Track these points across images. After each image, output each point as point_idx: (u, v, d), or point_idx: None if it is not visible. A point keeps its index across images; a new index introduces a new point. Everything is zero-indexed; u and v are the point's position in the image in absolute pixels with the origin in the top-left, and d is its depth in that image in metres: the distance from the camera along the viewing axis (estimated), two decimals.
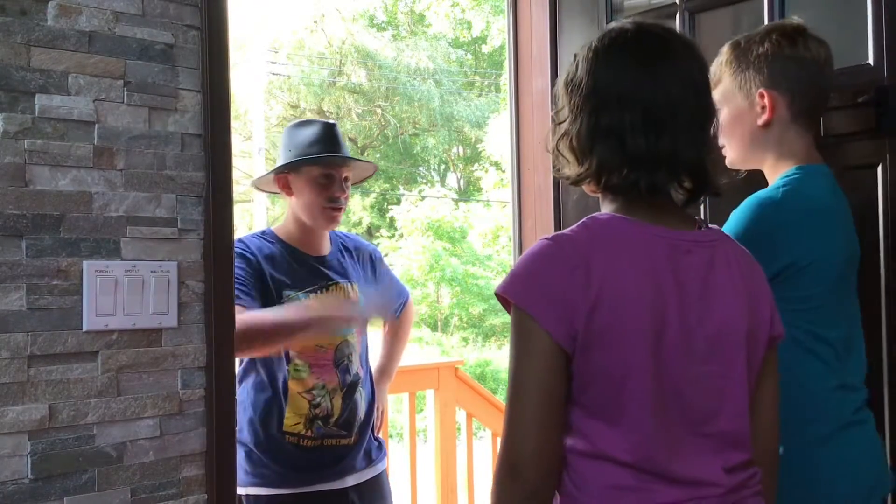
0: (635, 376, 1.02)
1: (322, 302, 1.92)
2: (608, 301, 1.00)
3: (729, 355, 1.07)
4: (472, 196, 17.19)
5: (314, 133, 2.05)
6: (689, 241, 1.08)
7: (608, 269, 1.01)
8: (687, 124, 1.06)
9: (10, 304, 1.45)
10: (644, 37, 1.09)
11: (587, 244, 1.04)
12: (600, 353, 1.01)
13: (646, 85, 1.05)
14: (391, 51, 17.03)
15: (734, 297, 1.08)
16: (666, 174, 1.07)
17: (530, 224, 2.34)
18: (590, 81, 1.08)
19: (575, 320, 1.00)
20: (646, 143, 1.05)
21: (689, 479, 1.04)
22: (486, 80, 17.99)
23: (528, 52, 2.34)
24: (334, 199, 2.02)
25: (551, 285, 1.02)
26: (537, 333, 1.01)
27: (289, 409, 1.94)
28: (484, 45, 17.90)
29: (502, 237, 14.45)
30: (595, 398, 1.04)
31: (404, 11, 18.70)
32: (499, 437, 3.50)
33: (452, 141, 17.75)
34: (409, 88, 16.81)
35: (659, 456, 1.02)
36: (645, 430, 1.02)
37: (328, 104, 17.06)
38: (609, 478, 1.03)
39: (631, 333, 1.01)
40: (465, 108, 17.13)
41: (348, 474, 2.01)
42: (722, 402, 1.07)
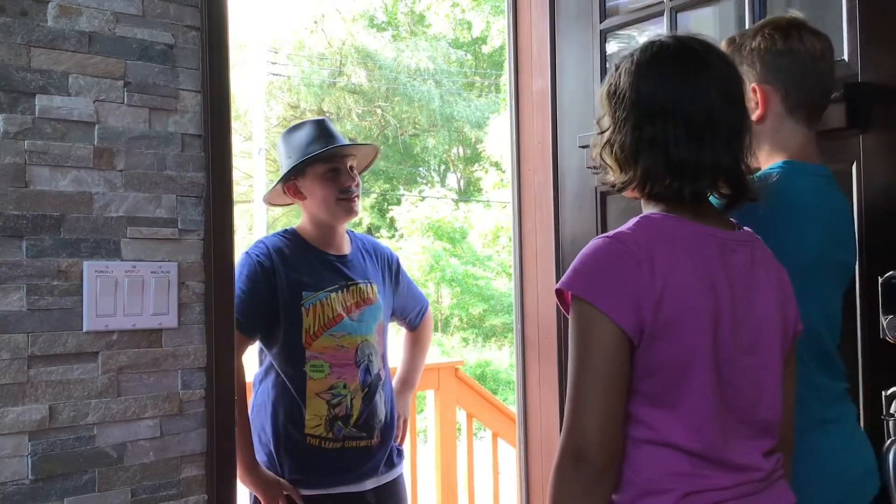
0: (697, 366, 1.07)
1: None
2: (672, 294, 1.06)
3: (767, 348, 1.15)
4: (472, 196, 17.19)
5: (308, 133, 2.05)
6: (734, 241, 1.16)
7: (670, 264, 1.07)
8: (726, 135, 1.12)
9: (10, 304, 1.45)
10: (684, 51, 1.15)
11: (649, 240, 1.09)
12: (665, 343, 1.06)
13: (686, 98, 1.11)
14: (391, 51, 17.03)
15: (770, 294, 1.16)
16: (708, 183, 1.13)
17: (530, 224, 2.34)
18: (633, 94, 1.14)
19: (643, 312, 1.05)
20: (689, 153, 1.11)
21: (738, 465, 1.10)
22: (486, 80, 18.00)
23: (528, 53, 2.34)
24: (346, 190, 2.02)
25: (618, 279, 1.07)
26: (605, 325, 1.06)
27: (308, 410, 1.93)
28: (484, 45, 17.90)
29: (502, 237, 14.43)
30: (656, 387, 1.08)
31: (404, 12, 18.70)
32: (499, 437, 3.51)
33: (452, 141, 17.75)
34: (409, 89, 16.81)
35: (716, 442, 1.08)
36: (705, 416, 1.07)
37: (328, 105, 17.06)
38: (665, 464, 1.08)
39: (693, 325, 1.07)
40: (465, 108, 17.13)
41: (368, 478, 2.00)
42: (762, 392, 1.14)
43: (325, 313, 1.97)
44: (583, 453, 1.06)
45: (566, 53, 2.21)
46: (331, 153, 2.01)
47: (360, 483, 1.99)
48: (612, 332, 1.06)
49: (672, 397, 1.08)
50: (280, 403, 1.96)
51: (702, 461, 1.08)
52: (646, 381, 1.09)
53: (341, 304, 2.00)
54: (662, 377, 1.08)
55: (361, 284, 2.07)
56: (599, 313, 1.06)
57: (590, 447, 1.06)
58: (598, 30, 2.11)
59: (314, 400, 1.94)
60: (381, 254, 2.25)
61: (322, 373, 1.96)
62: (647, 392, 1.09)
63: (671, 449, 1.08)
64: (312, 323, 1.96)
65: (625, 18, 2.12)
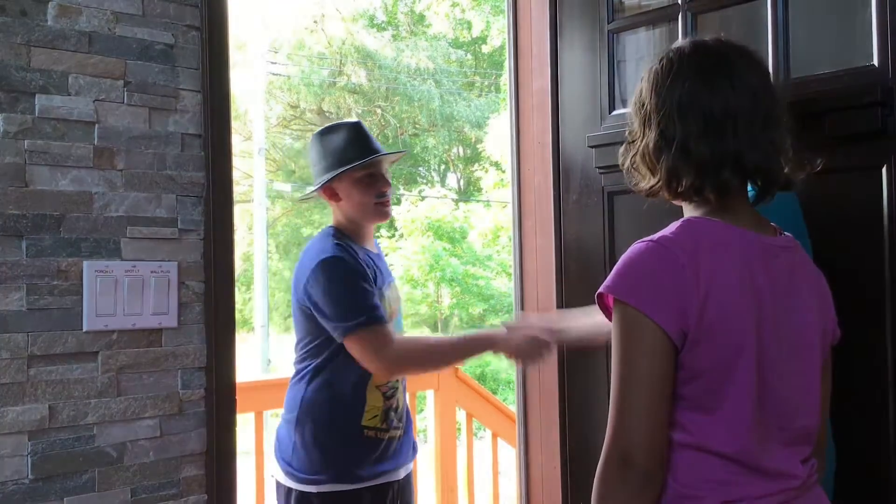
0: (740, 370, 1.07)
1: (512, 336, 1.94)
2: (715, 298, 1.06)
3: (808, 354, 1.15)
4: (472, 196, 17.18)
5: (344, 137, 2.06)
6: (776, 247, 1.15)
7: (713, 268, 1.07)
8: (747, 127, 1.12)
9: (10, 304, 1.45)
10: (700, 51, 1.17)
11: (693, 244, 1.09)
12: (708, 347, 1.06)
13: (703, 96, 1.12)
14: (391, 51, 17.01)
15: (811, 301, 1.17)
16: (730, 174, 1.12)
17: (530, 224, 2.34)
18: (653, 99, 1.16)
19: (687, 316, 1.05)
20: (708, 148, 1.11)
21: (775, 472, 1.09)
22: (486, 80, 17.98)
23: (528, 52, 2.33)
24: (382, 195, 2.05)
25: (662, 283, 1.07)
26: (650, 329, 1.06)
27: (368, 402, 1.97)
28: (484, 45, 17.87)
29: (502, 237, 14.42)
30: (697, 391, 1.08)
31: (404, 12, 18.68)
32: (498, 437, 3.51)
33: (452, 141, 17.73)
34: (409, 88, 16.80)
35: (754, 448, 1.08)
36: (745, 422, 1.07)
37: (328, 104, 17.04)
38: (702, 470, 1.08)
39: (737, 329, 1.07)
40: (465, 108, 17.11)
41: (402, 466, 2.06)
42: (802, 398, 1.14)
43: (387, 311, 2.01)
44: (629, 458, 1.06)
45: (569, 53, 2.20)
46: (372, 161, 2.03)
47: (397, 472, 2.04)
48: (657, 335, 1.06)
49: (713, 402, 1.08)
50: (340, 398, 1.98)
51: (738, 467, 1.07)
52: (688, 385, 1.08)
53: (393, 301, 2.06)
54: (705, 381, 1.08)
55: (393, 282, 2.13)
56: (644, 317, 1.06)
57: (636, 451, 1.05)
58: (605, 30, 2.11)
59: (374, 392, 1.98)
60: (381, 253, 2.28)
61: None
62: (689, 396, 1.09)
63: (708, 454, 1.08)
64: None
65: (635, 19, 2.12)
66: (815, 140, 1.65)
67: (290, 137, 18.35)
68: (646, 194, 1.21)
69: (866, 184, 1.59)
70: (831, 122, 1.63)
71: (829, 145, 1.65)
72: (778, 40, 1.73)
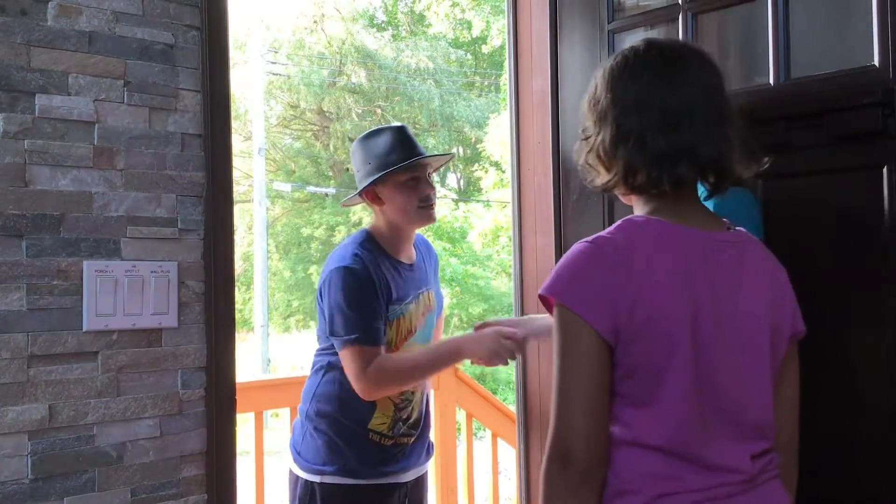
0: (673, 367, 1.08)
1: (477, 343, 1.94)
2: (648, 297, 1.08)
3: (756, 349, 1.15)
4: (472, 196, 17.17)
5: (389, 140, 2.06)
6: (721, 242, 1.16)
7: (646, 267, 1.09)
8: (702, 122, 1.14)
9: (10, 304, 1.45)
10: (654, 50, 1.19)
11: (626, 244, 1.11)
12: (641, 345, 1.08)
13: (660, 91, 1.14)
14: (391, 51, 17.01)
15: (760, 294, 1.16)
16: (687, 168, 1.13)
17: (530, 224, 2.34)
18: (608, 95, 1.18)
19: (618, 315, 1.07)
20: (665, 140, 1.13)
21: (718, 465, 1.10)
22: (486, 80, 17.98)
23: (528, 52, 2.33)
24: (426, 198, 2.04)
25: (594, 284, 1.09)
26: (583, 329, 1.08)
27: (378, 410, 1.98)
28: (484, 45, 17.88)
29: (502, 237, 14.41)
30: (634, 388, 1.10)
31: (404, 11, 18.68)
32: (498, 437, 3.51)
33: (452, 141, 17.73)
34: (409, 88, 16.80)
35: (692, 442, 1.09)
36: (681, 417, 1.09)
37: (328, 104, 17.04)
38: (643, 465, 1.09)
39: (669, 327, 1.08)
40: (465, 108, 17.11)
41: (410, 469, 2.08)
42: (751, 393, 1.14)
43: (405, 326, 2.02)
44: (569, 455, 1.08)
45: (569, 53, 2.20)
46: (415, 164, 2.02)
47: (405, 474, 2.06)
48: (590, 335, 1.08)
49: (650, 398, 1.09)
50: (348, 399, 1.98)
51: (676, 460, 1.09)
52: (625, 383, 1.10)
53: (415, 315, 2.05)
54: (640, 378, 1.10)
55: (425, 292, 2.12)
56: (578, 317, 1.08)
57: (575, 449, 1.08)
58: (605, 30, 2.11)
59: (385, 402, 1.99)
60: (432, 254, 2.28)
61: None
62: (627, 393, 1.11)
63: (646, 449, 1.09)
64: (394, 336, 1.99)
65: (636, 19, 2.11)
66: (814, 140, 1.66)
67: (290, 137, 18.34)
68: (601, 190, 1.22)
69: (867, 184, 1.59)
70: (832, 122, 1.63)
71: (829, 145, 1.65)
72: (778, 40, 1.73)
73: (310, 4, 16.85)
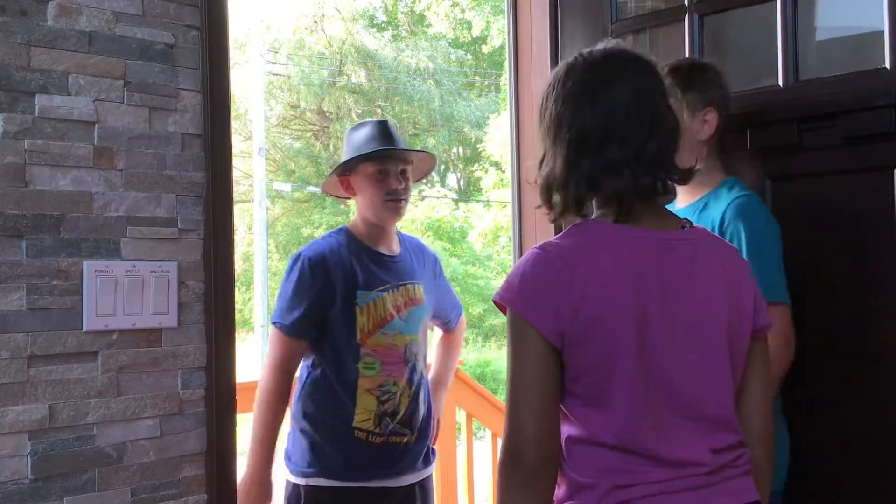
0: (620, 366, 1.11)
1: None
2: (592, 299, 1.10)
3: (712, 345, 1.16)
4: (472, 196, 17.18)
5: (367, 132, 2.09)
6: (673, 240, 1.18)
7: (591, 270, 1.12)
8: (644, 128, 1.16)
9: (10, 304, 1.45)
10: (594, 59, 1.21)
11: (571, 248, 1.14)
12: (587, 346, 1.11)
13: (600, 100, 1.16)
14: (391, 51, 17.02)
15: (715, 290, 1.17)
16: (627, 179, 1.15)
17: (530, 224, 2.34)
18: (552, 109, 1.21)
19: (562, 319, 1.10)
20: (609, 153, 1.15)
21: (673, 460, 1.12)
22: (486, 80, 17.98)
23: (528, 52, 2.33)
24: (392, 192, 2.04)
25: (539, 288, 1.12)
26: (529, 332, 1.12)
27: (358, 405, 1.97)
28: (484, 45, 17.88)
29: (502, 237, 14.43)
30: (586, 388, 1.13)
31: (404, 11, 18.69)
32: (499, 437, 3.51)
33: (452, 141, 17.74)
34: (409, 88, 16.81)
35: (644, 438, 1.11)
36: (630, 414, 1.11)
37: (328, 104, 17.05)
38: (600, 461, 1.13)
39: (615, 327, 1.11)
40: (465, 108, 17.12)
41: (406, 473, 2.05)
42: (708, 389, 1.16)
43: (378, 312, 2.01)
44: (519, 455, 1.11)
45: (570, 53, 2.20)
46: (381, 154, 2.03)
47: (398, 478, 2.03)
48: (537, 339, 1.11)
49: (600, 397, 1.13)
50: (327, 397, 1.99)
51: (630, 456, 1.12)
52: (576, 383, 1.14)
53: (392, 303, 2.04)
54: (589, 379, 1.13)
55: (409, 285, 2.11)
56: (526, 322, 1.12)
57: (525, 449, 1.11)
58: (609, 30, 2.10)
59: (365, 396, 1.98)
60: (427, 255, 2.28)
61: (374, 370, 1.99)
62: (579, 393, 1.14)
63: (601, 447, 1.13)
64: (366, 322, 1.99)
65: (641, 20, 2.11)
66: (827, 141, 1.66)
67: (290, 137, 18.35)
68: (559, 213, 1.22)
69: (878, 185, 1.59)
70: (844, 123, 1.64)
71: (841, 146, 1.66)
72: (787, 42, 1.73)
73: (310, 4, 16.85)
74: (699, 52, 1.89)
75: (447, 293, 2.36)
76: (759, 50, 1.65)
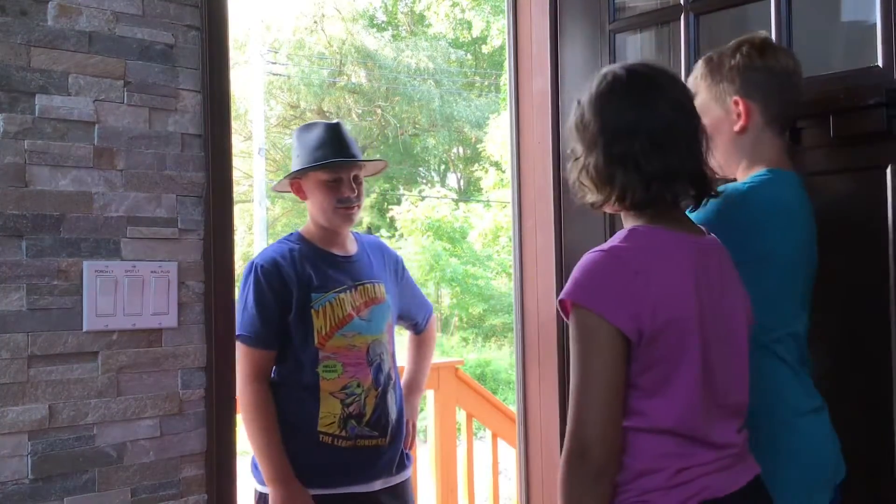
0: (687, 360, 1.21)
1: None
2: (667, 300, 1.20)
3: (738, 338, 1.30)
4: (472, 196, 17.18)
5: (318, 136, 2.05)
6: (707, 248, 1.30)
7: (661, 272, 1.21)
8: (685, 141, 1.27)
9: (10, 304, 1.45)
10: (634, 76, 1.30)
11: (640, 252, 1.23)
12: (662, 341, 1.19)
13: (645, 115, 1.26)
14: (391, 51, 17.02)
15: (737, 291, 1.32)
16: (680, 185, 1.27)
17: (530, 224, 2.34)
18: (598, 121, 1.29)
19: (641, 317, 1.18)
20: (658, 162, 1.25)
21: (718, 443, 1.24)
22: (486, 80, 17.98)
23: (528, 53, 2.33)
24: (345, 200, 2.02)
25: (616, 288, 1.19)
26: (606, 330, 1.18)
27: (322, 409, 1.94)
28: (484, 45, 17.88)
29: (502, 237, 14.41)
30: (651, 380, 1.21)
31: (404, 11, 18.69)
32: (499, 437, 3.51)
33: (452, 141, 17.73)
34: (409, 88, 16.80)
35: (699, 424, 1.22)
36: (693, 403, 1.21)
37: (328, 104, 17.04)
38: (660, 446, 1.21)
39: (686, 325, 1.21)
40: (465, 108, 17.11)
41: (377, 478, 2.00)
42: (735, 378, 1.29)
43: (336, 314, 1.99)
44: (586, 450, 1.17)
45: (570, 53, 2.20)
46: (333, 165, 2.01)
47: (370, 483, 1.99)
48: (611, 335, 1.18)
49: (665, 388, 1.21)
50: (290, 402, 1.97)
51: (688, 442, 1.21)
52: (643, 376, 1.21)
53: (350, 303, 2.01)
54: (657, 371, 1.21)
55: (369, 284, 2.08)
56: (600, 319, 1.18)
57: (592, 444, 1.16)
58: (607, 30, 2.11)
59: (328, 399, 1.95)
60: (387, 254, 2.26)
61: (335, 373, 1.97)
62: (644, 385, 1.21)
63: (663, 434, 1.21)
64: (324, 324, 1.97)
65: (638, 19, 2.11)
66: (819, 140, 1.66)
67: (290, 137, 18.36)
68: (594, 207, 1.34)
69: (871, 184, 1.59)
70: (836, 122, 1.64)
71: (834, 146, 1.65)
72: (781, 41, 1.73)
73: (310, 4, 16.85)
74: (695, 51, 1.89)
75: (413, 294, 2.32)
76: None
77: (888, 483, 1.58)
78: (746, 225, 1.43)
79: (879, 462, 1.58)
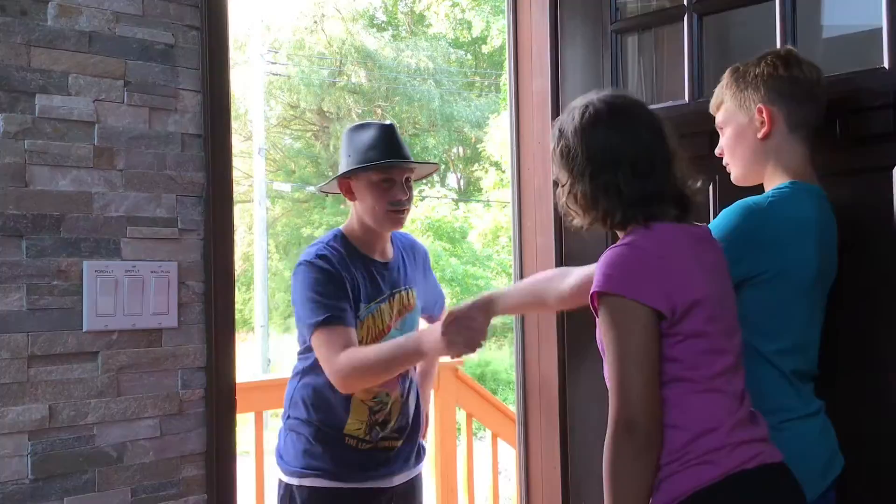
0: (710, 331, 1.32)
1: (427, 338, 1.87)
2: (689, 280, 1.32)
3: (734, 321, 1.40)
4: (472, 196, 17.17)
5: (372, 136, 2.03)
6: (700, 235, 1.42)
7: (680, 258, 1.33)
8: (663, 165, 1.39)
9: (10, 304, 1.45)
10: (615, 108, 1.41)
11: (657, 242, 1.34)
12: (691, 318, 1.30)
13: (627, 145, 1.38)
14: (391, 51, 17.00)
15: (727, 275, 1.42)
16: (658, 207, 1.38)
17: (530, 224, 2.34)
18: (585, 152, 1.39)
19: (675, 297, 1.29)
20: (639, 188, 1.36)
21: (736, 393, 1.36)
22: (486, 80, 17.97)
23: (528, 53, 2.33)
24: (396, 203, 2.01)
25: (648, 273, 1.31)
26: (640, 312, 1.29)
27: (351, 414, 1.96)
28: (484, 45, 17.87)
29: (502, 237, 14.41)
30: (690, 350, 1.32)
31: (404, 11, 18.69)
32: (499, 437, 3.51)
33: (452, 141, 17.73)
34: (409, 88, 16.79)
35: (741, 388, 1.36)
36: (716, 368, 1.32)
37: (328, 104, 17.03)
38: (711, 404, 1.31)
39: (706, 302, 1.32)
40: (465, 108, 17.10)
41: (396, 474, 2.04)
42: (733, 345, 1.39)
43: (376, 325, 1.99)
44: (633, 423, 1.26)
45: (571, 53, 2.20)
46: (387, 165, 2.00)
47: (389, 479, 2.02)
48: (647, 316, 1.28)
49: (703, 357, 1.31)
50: (321, 403, 1.97)
51: (733, 400, 1.33)
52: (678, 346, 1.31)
53: (389, 314, 2.02)
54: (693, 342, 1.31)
55: (403, 291, 2.08)
56: (635, 304, 1.29)
57: (639, 417, 1.26)
58: (609, 31, 2.10)
59: (359, 406, 1.96)
60: (418, 252, 2.25)
61: None
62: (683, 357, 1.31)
63: (712, 393, 1.31)
64: (365, 335, 1.97)
65: (640, 20, 2.11)
66: (826, 142, 1.66)
67: (290, 137, 18.34)
68: (583, 229, 1.45)
69: (877, 185, 1.59)
70: (843, 124, 1.64)
71: (840, 147, 1.65)
72: (787, 42, 1.72)
73: (310, 4, 16.84)
74: (698, 52, 1.89)
75: (434, 286, 2.33)
76: (758, 50, 1.64)
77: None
78: (767, 241, 1.47)
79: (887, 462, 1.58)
